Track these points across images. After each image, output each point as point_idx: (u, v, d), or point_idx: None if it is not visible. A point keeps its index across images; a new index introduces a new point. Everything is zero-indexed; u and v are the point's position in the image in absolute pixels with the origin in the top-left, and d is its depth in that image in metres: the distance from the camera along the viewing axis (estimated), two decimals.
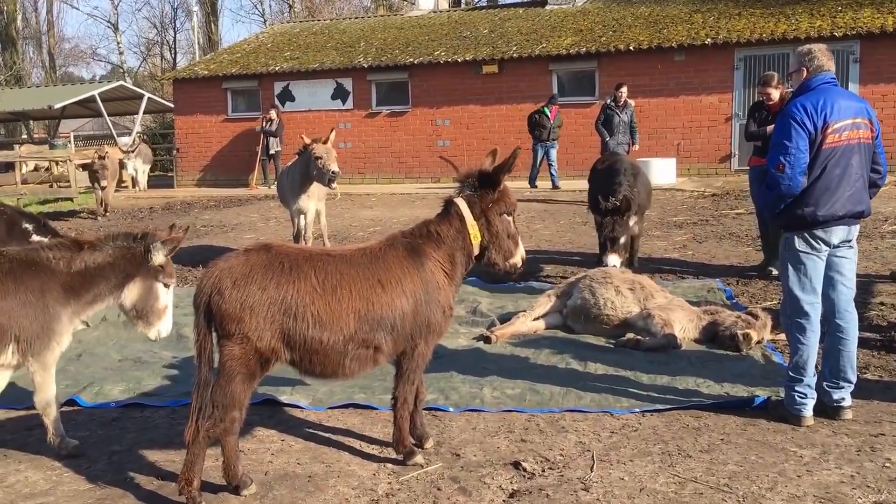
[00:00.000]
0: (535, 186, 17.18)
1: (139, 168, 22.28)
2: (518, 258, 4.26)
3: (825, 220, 4.53)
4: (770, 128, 8.63)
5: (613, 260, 7.83)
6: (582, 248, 10.42)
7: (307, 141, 9.17)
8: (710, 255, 9.91)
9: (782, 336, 6.28)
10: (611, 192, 8.31)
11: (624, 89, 13.86)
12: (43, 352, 4.17)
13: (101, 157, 15.87)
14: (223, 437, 3.80)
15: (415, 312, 3.94)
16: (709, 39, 18.51)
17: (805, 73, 4.66)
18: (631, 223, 8.25)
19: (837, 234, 4.58)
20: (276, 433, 4.74)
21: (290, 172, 9.85)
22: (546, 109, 16.96)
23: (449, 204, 4.18)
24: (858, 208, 4.57)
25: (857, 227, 4.68)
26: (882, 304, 7.12)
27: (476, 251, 4.15)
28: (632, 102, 14.14)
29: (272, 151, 20.64)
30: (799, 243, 4.62)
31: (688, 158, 18.57)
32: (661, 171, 16.99)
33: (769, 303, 7.48)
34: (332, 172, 8.85)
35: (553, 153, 17.24)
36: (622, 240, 8.06)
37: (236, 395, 3.70)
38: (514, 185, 5.71)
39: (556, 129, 17.04)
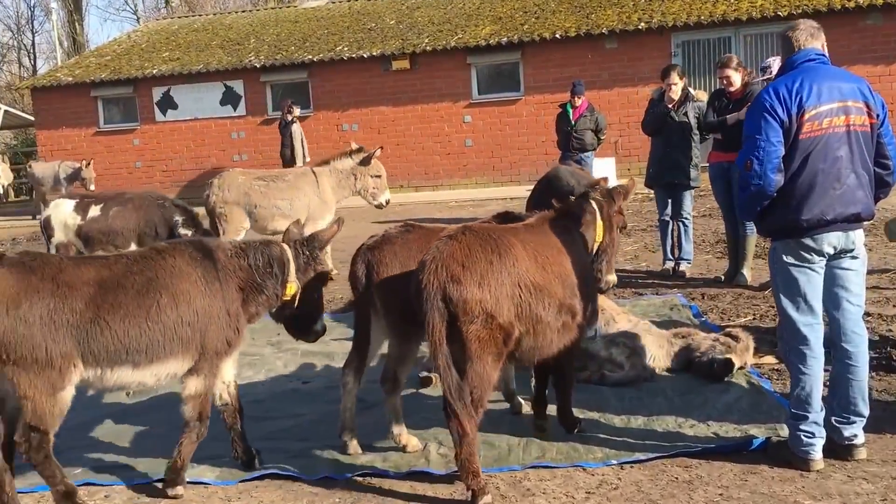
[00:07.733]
0: None
1: None
2: (613, 276, 4.96)
3: (811, 226, 4.21)
4: (730, 117, 8.35)
5: None
6: None
7: None
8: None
9: (768, 359, 6.04)
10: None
11: (674, 75, 9.03)
12: None
13: None
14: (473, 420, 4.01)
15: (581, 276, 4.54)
16: (642, 24, 18.52)
17: (788, 52, 4.39)
18: None
19: (830, 241, 4.24)
20: None
21: None
22: (568, 106, 12.43)
23: (583, 198, 4.80)
24: (851, 210, 4.22)
25: (859, 232, 4.34)
26: (868, 314, 6.92)
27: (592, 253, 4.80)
28: (696, 94, 9.57)
29: None
30: (785, 254, 4.31)
31: (627, 157, 18.47)
32: (600, 173, 16.79)
33: (743, 319, 7.25)
34: None
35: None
36: None
37: (490, 376, 4.09)
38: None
39: (585, 133, 12.30)
